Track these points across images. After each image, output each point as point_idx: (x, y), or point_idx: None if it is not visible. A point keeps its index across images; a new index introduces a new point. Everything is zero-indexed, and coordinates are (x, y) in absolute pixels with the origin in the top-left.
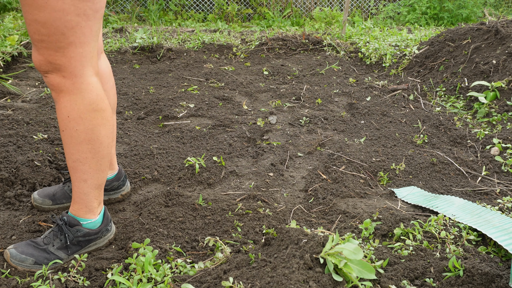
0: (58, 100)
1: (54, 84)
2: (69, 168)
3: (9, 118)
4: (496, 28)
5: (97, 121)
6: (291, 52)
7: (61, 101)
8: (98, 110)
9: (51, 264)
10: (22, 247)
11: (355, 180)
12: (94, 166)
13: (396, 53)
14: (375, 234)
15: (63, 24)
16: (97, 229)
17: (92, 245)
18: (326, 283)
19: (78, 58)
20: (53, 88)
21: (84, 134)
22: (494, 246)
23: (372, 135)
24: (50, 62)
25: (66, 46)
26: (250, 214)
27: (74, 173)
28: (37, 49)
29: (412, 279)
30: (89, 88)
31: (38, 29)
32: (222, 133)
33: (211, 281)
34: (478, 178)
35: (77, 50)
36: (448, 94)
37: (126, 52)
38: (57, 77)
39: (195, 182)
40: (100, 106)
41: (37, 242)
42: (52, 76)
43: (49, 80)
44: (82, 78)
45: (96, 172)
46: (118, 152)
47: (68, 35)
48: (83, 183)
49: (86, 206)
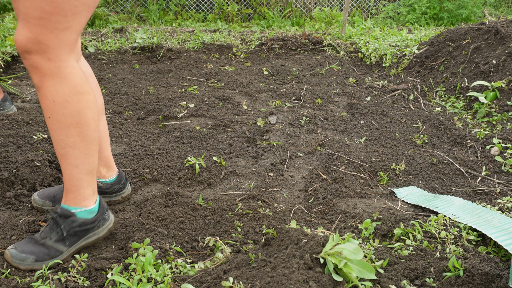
0: (42, 85)
1: (38, 67)
2: (59, 156)
3: (9, 118)
4: (496, 28)
5: (83, 103)
6: (291, 52)
7: (46, 85)
8: (83, 92)
9: (51, 264)
10: (22, 246)
11: (355, 180)
12: (84, 150)
13: (396, 53)
14: (375, 234)
15: (67, 7)
16: (93, 218)
17: (92, 236)
18: (326, 283)
19: (69, 44)
20: (37, 71)
21: (71, 118)
22: (494, 246)
23: (372, 135)
24: (40, 42)
25: (63, 29)
26: (250, 214)
27: (64, 160)
28: (30, 26)
29: (412, 279)
30: (73, 72)
31: (42, 6)
32: (222, 133)
33: (211, 281)
34: (478, 178)
35: (71, 36)
36: (448, 94)
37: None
38: (41, 59)
39: (195, 182)
40: (84, 88)
41: (35, 238)
42: (36, 58)
43: (32, 63)
44: (66, 62)
45: (87, 157)
46: (118, 152)
47: (69, 19)
48: (75, 169)
49: (80, 194)
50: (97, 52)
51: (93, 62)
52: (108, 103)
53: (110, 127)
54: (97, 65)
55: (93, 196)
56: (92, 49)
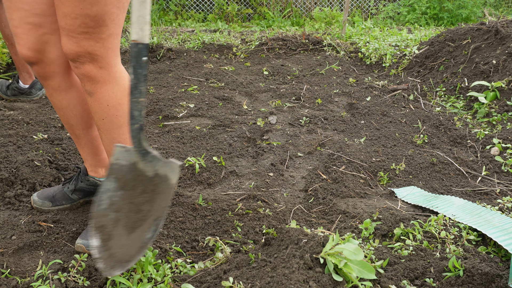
0: (95, 91)
1: (91, 76)
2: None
3: (9, 118)
4: (496, 28)
5: None
6: (291, 52)
7: (99, 91)
8: None
9: (51, 264)
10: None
11: (355, 180)
12: None
13: (396, 53)
14: (375, 234)
15: (108, 16)
16: None
17: None
18: (326, 283)
19: (114, 48)
20: (89, 79)
21: (123, 118)
22: (494, 246)
23: (372, 135)
24: (89, 53)
25: (106, 37)
26: (250, 214)
27: None
28: (77, 41)
29: (412, 279)
30: (122, 75)
31: (86, 22)
32: (222, 133)
33: (211, 281)
34: (478, 178)
35: (114, 41)
36: (448, 94)
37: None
38: (93, 68)
39: (195, 182)
40: None
41: None
42: (88, 67)
43: (85, 72)
44: (115, 67)
45: None
46: None
47: (110, 26)
48: None
49: None
50: None
51: None
52: None
53: None
54: None
55: None
56: None
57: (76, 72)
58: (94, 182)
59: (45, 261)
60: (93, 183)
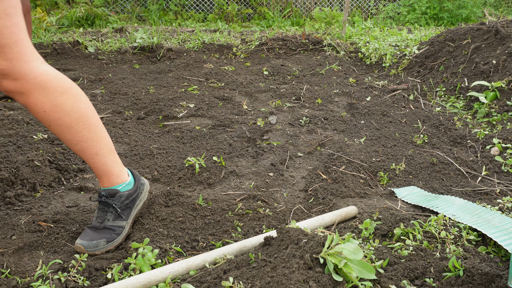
0: (25, 102)
1: (12, 90)
2: (77, 152)
3: (9, 118)
4: (496, 28)
5: (71, 100)
6: (291, 52)
7: (29, 101)
8: (65, 91)
9: (51, 264)
10: (89, 236)
11: (355, 180)
12: (94, 137)
13: (396, 53)
14: (375, 234)
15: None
16: (134, 187)
17: (138, 203)
18: (326, 283)
19: (18, 58)
20: (13, 94)
21: (68, 117)
22: (494, 246)
23: (372, 135)
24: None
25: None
26: (250, 214)
27: (83, 153)
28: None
29: (412, 279)
30: (45, 78)
31: None
32: (222, 133)
33: (211, 281)
34: (478, 178)
35: (14, 49)
36: (448, 94)
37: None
38: (9, 82)
39: (195, 182)
40: (65, 86)
41: (94, 225)
42: (5, 83)
43: (5, 89)
44: (32, 73)
45: (100, 141)
46: (118, 152)
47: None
48: (96, 157)
49: (111, 174)
50: (97, 52)
51: (93, 62)
52: (108, 103)
53: (110, 127)
54: (97, 65)
55: (122, 170)
56: (92, 49)
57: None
58: None
59: (45, 261)
60: None
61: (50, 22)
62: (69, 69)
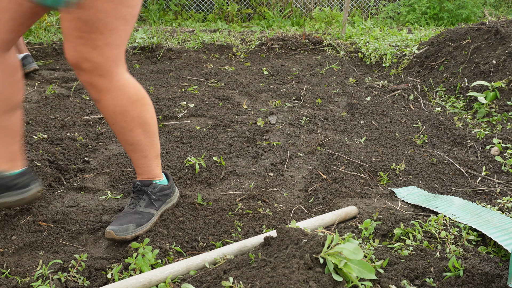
0: (99, 99)
1: (92, 84)
2: (128, 151)
3: None
4: (496, 28)
5: (140, 108)
6: (291, 52)
7: (103, 99)
8: (138, 99)
9: (51, 264)
10: (119, 221)
11: (355, 180)
12: (148, 143)
13: (396, 53)
14: (375, 234)
15: (102, 24)
16: (169, 184)
17: (169, 201)
18: (326, 283)
19: (113, 59)
20: (92, 87)
21: (132, 122)
22: (494, 246)
23: (372, 135)
24: (87, 60)
25: (103, 45)
26: (250, 214)
27: (133, 153)
28: (74, 45)
29: (412, 279)
30: (126, 84)
31: (80, 26)
32: (222, 133)
33: (211, 281)
34: (478, 178)
35: (113, 51)
36: (448, 94)
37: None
38: (94, 76)
39: (195, 182)
40: (139, 95)
41: (126, 211)
42: (90, 75)
43: (87, 79)
44: (118, 76)
45: (152, 147)
46: (118, 152)
47: (107, 35)
48: (144, 159)
49: (151, 175)
50: None
51: None
52: None
53: None
54: None
55: (161, 173)
56: None
57: (80, 80)
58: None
59: (45, 261)
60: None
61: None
62: (69, 69)
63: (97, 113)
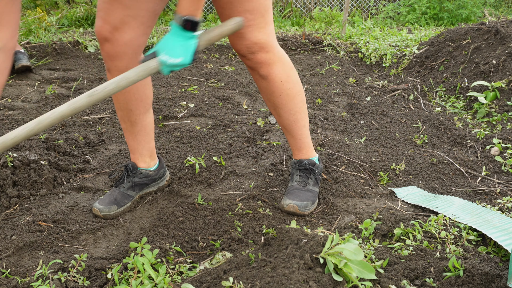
0: (268, 73)
1: (263, 61)
2: (291, 123)
3: (9, 118)
4: (496, 28)
5: (296, 74)
6: (291, 52)
7: (272, 71)
8: (292, 66)
9: (51, 264)
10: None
11: (355, 180)
12: (305, 109)
13: (396, 53)
14: (375, 234)
15: (263, 8)
16: (321, 163)
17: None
18: (326, 283)
19: (271, 34)
20: (262, 65)
21: (294, 89)
22: (494, 246)
23: (372, 135)
24: (256, 43)
25: (265, 25)
26: (250, 214)
27: (296, 124)
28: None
29: (412, 279)
30: (282, 53)
31: (247, 17)
32: (222, 133)
33: (211, 281)
34: (478, 178)
35: (270, 27)
36: (448, 94)
37: None
38: (263, 54)
39: (195, 182)
40: (291, 63)
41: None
42: (259, 55)
43: (257, 60)
44: (277, 48)
45: (306, 115)
46: (118, 152)
47: (266, 16)
48: (303, 129)
49: (310, 147)
50: (97, 52)
51: (93, 62)
52: (108, 103)
53: (110, 127)
54: (97, 65)
55: None
56: (92, 49)
57: (249, 64)
58: (146, 174)
59: (45, 261)
60: (146, 174)
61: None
62: (69, 69)
63: (97, 113)
